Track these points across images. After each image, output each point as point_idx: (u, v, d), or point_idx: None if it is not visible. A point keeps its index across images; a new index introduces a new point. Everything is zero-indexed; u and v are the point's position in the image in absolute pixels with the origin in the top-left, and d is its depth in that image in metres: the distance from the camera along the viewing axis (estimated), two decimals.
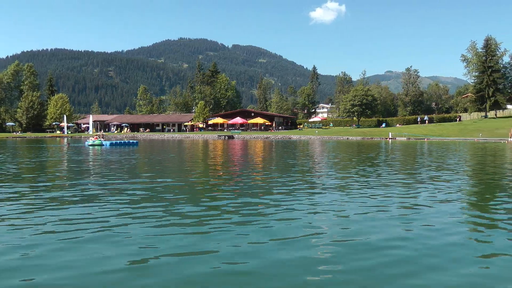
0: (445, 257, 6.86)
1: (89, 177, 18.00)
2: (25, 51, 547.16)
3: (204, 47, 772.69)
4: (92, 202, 11.49)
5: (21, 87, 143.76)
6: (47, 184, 15.68)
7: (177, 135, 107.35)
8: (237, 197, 12.30)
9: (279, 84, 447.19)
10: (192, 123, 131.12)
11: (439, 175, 18.58)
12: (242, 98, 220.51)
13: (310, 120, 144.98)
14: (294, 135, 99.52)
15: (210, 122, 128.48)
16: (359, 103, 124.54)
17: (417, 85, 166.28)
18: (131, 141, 56.28)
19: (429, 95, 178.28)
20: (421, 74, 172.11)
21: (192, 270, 6.18)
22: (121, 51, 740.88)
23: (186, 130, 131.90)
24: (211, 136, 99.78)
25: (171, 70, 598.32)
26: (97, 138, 52.18)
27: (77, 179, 17.26)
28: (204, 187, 14.97)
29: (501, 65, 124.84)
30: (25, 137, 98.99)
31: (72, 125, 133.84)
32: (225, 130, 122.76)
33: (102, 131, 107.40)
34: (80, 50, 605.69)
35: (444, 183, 16.02)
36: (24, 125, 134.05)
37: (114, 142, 52.37)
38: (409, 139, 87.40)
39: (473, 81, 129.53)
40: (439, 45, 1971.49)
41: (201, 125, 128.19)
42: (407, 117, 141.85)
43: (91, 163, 26.15)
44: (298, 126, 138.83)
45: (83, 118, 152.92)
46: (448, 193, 13.44)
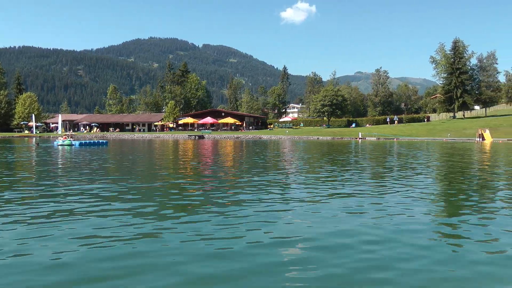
0: (416, 257, 6.74)
1: (56, 177, 17.44)
2: None
3: (174, 47, 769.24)
4: (52, 202, 11.06)
5: None
6: (14, 185, 15.09)
7: (147, 135, 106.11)
8: (206, 198, 11.94)
9: (250, 84, 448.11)
10: (162, 123, 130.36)
11: (408, 175, 18.42)
12: (212, 98, 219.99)
13: (280, 120, 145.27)
14: (264, 135, 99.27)
15: (180, 122, 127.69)
16: (329, 103, 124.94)
17: (387, 86, 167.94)
18: (100, 141, 55.51)
19: (398, 95, 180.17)
20: (390, 75, 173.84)
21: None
22: (90, 49, 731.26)
23: (156, 130, 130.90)
24: (181, 136, 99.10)
25: (141, 69, 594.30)
26: (66, 138, 51.34)
27: (43, 179, 16.72)
28: (172, 187, 14.43)
29: (469, 67, 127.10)
30: None
31: (41, 124, 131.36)
32: (195, 130, 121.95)
33: (71, 131, 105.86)
34: (49, 48, 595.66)
35: (414, 183, 15.82)
36: None
37: (84, 142, 51.45)
38: (378, 139, 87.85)
39: (441, 82, 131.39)
40: (408, 46, 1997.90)
41: (171, 125, 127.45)
42: (376, 117, 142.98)
43: (59, 163, 25.42)
44: (269, 126, 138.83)
45: (52, 117, 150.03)
46: (418, 193, 13.25)
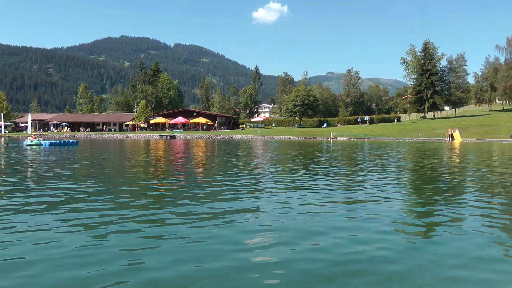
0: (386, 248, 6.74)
1: (23, 178, 16.83)
2: None
3: (146, 46, 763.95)
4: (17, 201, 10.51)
5: None
6: None
7: (118, 135, 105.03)
8: (177, 199, 11.51)
9: (222, 84, 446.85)
10: (133, 122, 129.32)
11: (379, 175, 18.23)
12: (184, 97, 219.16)
13: (252, 120, 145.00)
14: (236, 135, 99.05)
15: (151, 122, 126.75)
16: (301, 103, 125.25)
17: (358, 86, 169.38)
18: (71, 141, 54.62)
19: (369, 96, 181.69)
20: (361, 76, 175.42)
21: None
22: (61, 47, 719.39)
23: (127, 129, 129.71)
24: (152, 136, 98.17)
25: (112, 68, 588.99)
26: (35, 137, 50.41)
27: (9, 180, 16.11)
28: (141, 188, 13.89)
29: (439, 69, 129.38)
30: None
31: (10, 124, 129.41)
32: (167, 130, 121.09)
33: (41, 131, 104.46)
34: (18, 46, 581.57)
35: (384, 181, 15.69)
36: None
37: (54, 142, 50.54)
38: (350, 139, 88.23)
39: (412, 83, 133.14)
40: (379, 47, 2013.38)
41: (142, 125, 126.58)
42: (348, 117, 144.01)
43: (28, 163, 24.75)
44: (240, 126, 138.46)
45: (21, 117, 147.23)
46: (390, 192, 13.12)
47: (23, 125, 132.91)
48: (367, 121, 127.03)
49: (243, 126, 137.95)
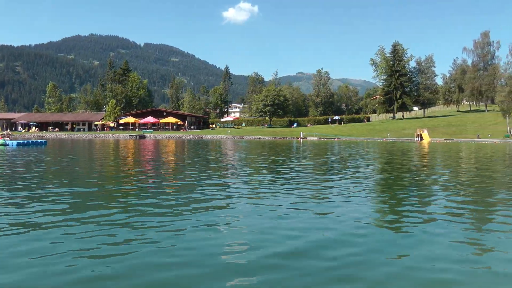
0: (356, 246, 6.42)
1: None
2: None
3: (115, 45, 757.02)
4: None
5: None
6: None
7: (87, 135, 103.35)
8: (146, 201, 11.19)
9: (192, 84, 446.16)
10: (103, 122, 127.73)
11: (348, 175, 18.16)
12: (154, 97, 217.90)
13: (222, 120, 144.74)
14: (206, 135, 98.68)
15: (121, 122, 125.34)
16: (271, 103, 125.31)
17: (328, 86, 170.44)
18: (39, 140, 53.71)
19: (339, 96, 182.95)
20: (331, 76, 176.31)
21: None
22: (28, 45, 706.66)
23: (96, 129, 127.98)
24: (122, 135, 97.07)
25: (82, 67, 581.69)
26: (1, 137, 49.43)
27: None
28: (110, 189, 13.50)
29: (408, 70, 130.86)
30: None
31: None
32: (136, 130, 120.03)
33: (8, 130, 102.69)
34: None
35: (353, 181, 15.62)
36: None
37: (21, 142, 49.59)
38: (320, 138, 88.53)
39: (381, 84, 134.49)
40: (349, 48, 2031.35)
41: (112, 125, 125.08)
42: (318, 117, 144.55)
43: None
44: (211, 126, 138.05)
45: None
46: (357, 190, 13.22)
47: None
48: (341, 121, 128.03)
49: (213, 126, 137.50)
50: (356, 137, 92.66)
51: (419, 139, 79.28)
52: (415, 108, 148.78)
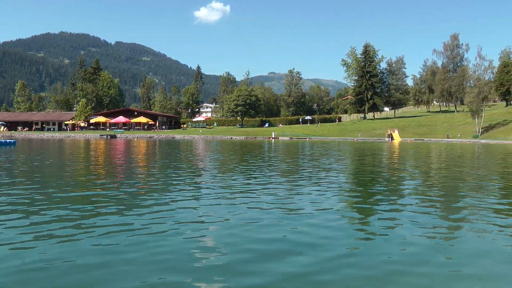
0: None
1: None
2: None
3: (86, 43, 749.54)
4: None
5: None
6: None
7: (57, 135, 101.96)
8: (116, 203, 10.87)
9: (163, 83, 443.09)
10: (73, 122, 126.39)
11: (320, 175, 18.06)
12: (125, 96, 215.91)
13: (194, 120, 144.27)
14: (177, 135, 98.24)
15: (92, 121, 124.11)
16: (242, 103, 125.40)
17: (299, 86, 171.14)
18: (8, 140, 52.59)
19: (311, 96, 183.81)
20: (303, 76, 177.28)
21: None
22: None
23: (67, 129, 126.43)
24: (93, 135, 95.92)
25: (52, 65, 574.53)
26: None
27: None
28: (80, 191, 13.17)
29: (379, 71, 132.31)
30: None
31: None
32: (107, 129, 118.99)
33: None
34: None
35: (325, 180, 15.58)
36: None
37: None
38: (291, 138, 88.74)
39: (352, 84, 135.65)
40: (320, 49, 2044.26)
41: (82, 124, 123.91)
42: (289, 117, 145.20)
43: None
44: (182, 126, 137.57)
45: None
46: (329, 189, 13.26)
47: None
48: (314, 122, 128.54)
49: (185, 125, 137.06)
50: (327, 137, 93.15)
51: (390, 139, 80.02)
52: (386, 109, 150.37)
